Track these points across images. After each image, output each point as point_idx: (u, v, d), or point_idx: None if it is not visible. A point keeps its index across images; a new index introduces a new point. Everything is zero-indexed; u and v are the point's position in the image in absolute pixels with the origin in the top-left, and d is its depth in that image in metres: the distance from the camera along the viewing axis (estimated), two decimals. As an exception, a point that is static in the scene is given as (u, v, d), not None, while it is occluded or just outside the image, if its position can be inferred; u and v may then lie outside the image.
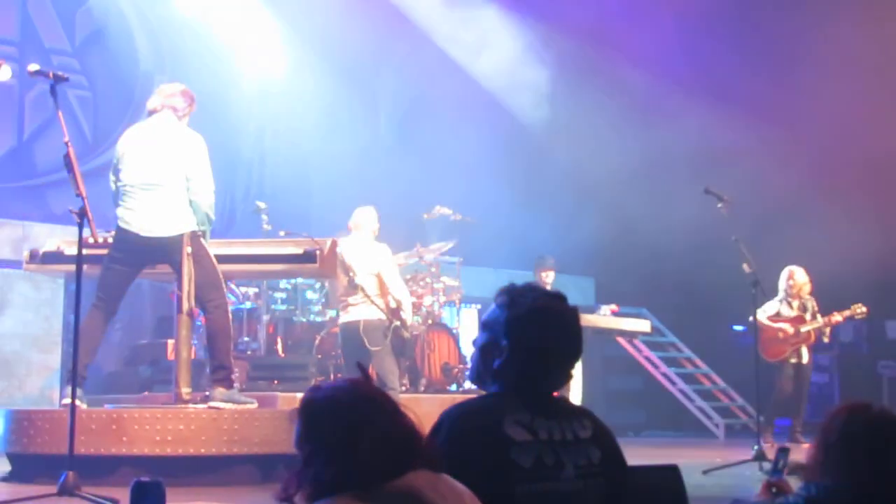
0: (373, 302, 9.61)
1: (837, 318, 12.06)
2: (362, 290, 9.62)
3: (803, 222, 13.40)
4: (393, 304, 9.71)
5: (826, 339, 12.35)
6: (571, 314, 3.44)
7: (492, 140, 15.28)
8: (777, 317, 11.98)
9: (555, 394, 3.55)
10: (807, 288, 12.13)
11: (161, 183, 7.66)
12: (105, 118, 13.50)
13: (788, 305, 12.06)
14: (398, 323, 9.72)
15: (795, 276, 12.07)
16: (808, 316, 12.04)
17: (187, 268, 7.66)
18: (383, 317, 9.60)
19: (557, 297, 3.47)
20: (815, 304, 12.15)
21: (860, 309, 12.06)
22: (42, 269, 8.88)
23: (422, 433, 2.87)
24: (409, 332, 9.95)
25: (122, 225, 7.66)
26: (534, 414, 3.29)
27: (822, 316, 12.02)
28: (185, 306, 7.82)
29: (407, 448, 2.77)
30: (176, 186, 7.67)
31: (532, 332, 3.36)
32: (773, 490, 4.62)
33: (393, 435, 2.76)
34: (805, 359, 12.02)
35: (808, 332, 11.94)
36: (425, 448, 2.84)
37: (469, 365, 10.63)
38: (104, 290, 7.75)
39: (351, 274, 9.59)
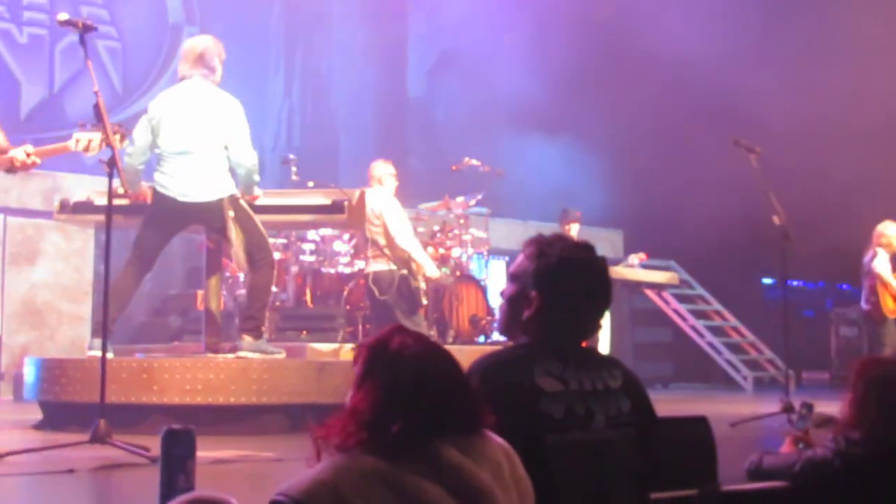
0: (383, 253, 9.67)
1: None
2: (373, 242, 9.69)
3: (825, 180, 13.25)
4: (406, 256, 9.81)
5: None
6: (600, 264, 3.43)
7: (520, 92, 15.22)
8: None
9: (583, 344, 3.55)
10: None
11: (198, 149, 7.63)
12: (134, 69, 13.53)
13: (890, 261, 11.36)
14: (405, 272, 9.76)
15: (889, 232, 11.31)
16: None
17: (235, 232, 7.68)
18: (394, 267, 9.68)
19: (586, 248, 3.45)
20: None
21: None
22: (72, 219, 8.92)
23: (474, 398, 2.85)
24: (418, 282, 9.98)
25: (160, 190, 7.66)
26: (564, 364, 3.28)
27: None
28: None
29: (454, 413, 2.77)
30: (213, 152, 7.64)
31: (562, 283, 3.35)
32: (799, 444, 4.63)
33: (448, 397, 2.77)
34: None
35: None
36: (473, 411, 2.82)
37: (497, 317, 10.71)
38: (140, 249, 7.77)
39: (365, 229, 9.70)
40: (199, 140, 7.62)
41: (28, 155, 6.53)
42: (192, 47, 7.91)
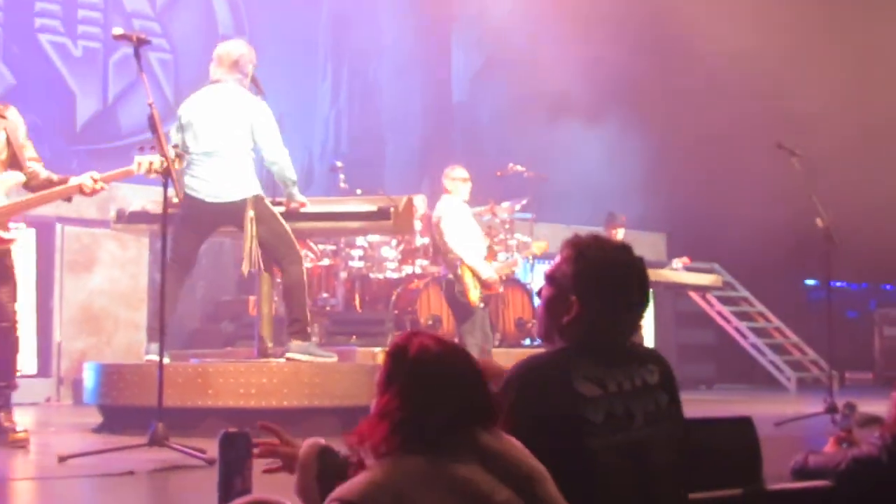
0: (443, 260, 9.78)
1: None
2: (435, 248, 9.77)
3: (870, 183, 13.07)
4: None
5: None
6: (639, 265, 3.38)
7: (564, 96, 15.19)
8: None
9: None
10: None
11: (224, 150, 7.70)
12: (186, 80, 13.60)
13: None
14: (451, 276, 9.78)
15: None
16: None
17: (249, 231, 7.71)
18: (448, 274, 9.77)
19: (624, 248, 3.39)
20: None
21: None
22: (128, 228, 9.00)
23: (491, 393, 2.87)
24: (463, 286, 9.86)
25: (189, 192, 7.69)
26: (603, 366, 3.24)
27: None
28: (245, 268, 7.88)
29: (475, 405, 2.81)
30: (239, 153, 7.72)
31: (602, 287, 3.29)
32: (843, 444, 4.62)
33: (465, 391, 2.81)
34: None
35: None
36: (492, 406, 2.84)
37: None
38: (177, 252, 7.76)
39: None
40: (225, 141, 7.70)
41: (95, 181, 6.64)
42: (227, 52, 7.93)
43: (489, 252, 10.31)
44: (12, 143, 6.67)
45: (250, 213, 7.68)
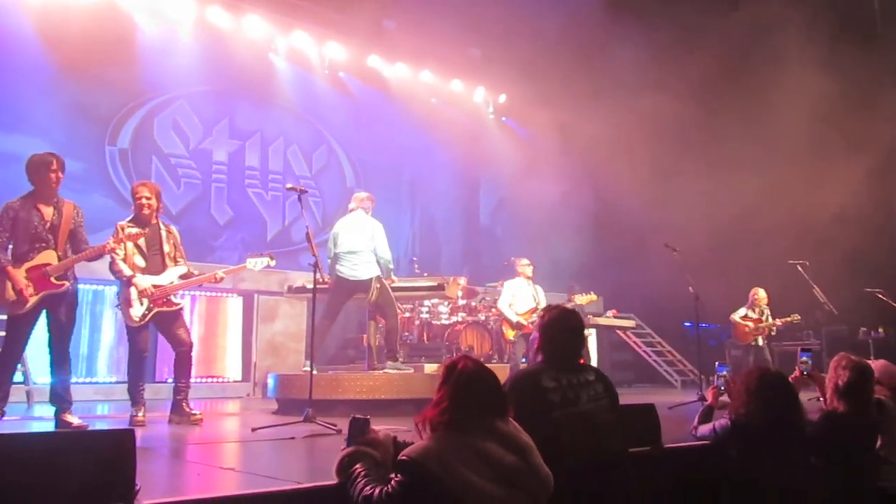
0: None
1: (778, 322, 11.09)
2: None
3: (722, 268, 12.83)
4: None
5: (773, 333, 11.28)
6: (576, 316, 3.47)
7: (544, 218, 15.16)
8: (745, 318, 11.18)
9: (582, 361, 3.52)
10: (765, 301, 11.15)
11: (359, 250, 7.78)
12: (328, 212, 13.73)
13: (752, 311, 11.20)
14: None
15: (759, 294, 11.15)
16: (764, 318, 11.13)
17: (376, 295, 7.76)
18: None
19: (568, 310, 3.45)
20: (769, 310, 11.22)
21: (796, 317, 11.13)
22: (294, 296, 9.06)
23: (505, 395, 2.81)
24: (505, 334, 9.98)
25: (338, 274, 7.82)
26: (559, 371, 3.26)
27: (772, 319, 11.11)
28: (375, 313, 7.87)
29: (495, 404, 2.73)
30: (367, 251, 7.80)
31: (554, 329, 3.39)
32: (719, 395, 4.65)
33: (489, 395, 2.73)
34: (761, 343, 11.18)
35: (764, 328, 11.09)
36: (504, 403, 2.78)
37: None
38: (330, 310, 7.90)
39: None
40: (360, 244, 7.76)
41: (221, 277, 6.47)
42: (359, 196, 8.18)
43: (535, 308, 9.82)
44: (178, 249, 6.42)
45: (376, 285, 7.73)
